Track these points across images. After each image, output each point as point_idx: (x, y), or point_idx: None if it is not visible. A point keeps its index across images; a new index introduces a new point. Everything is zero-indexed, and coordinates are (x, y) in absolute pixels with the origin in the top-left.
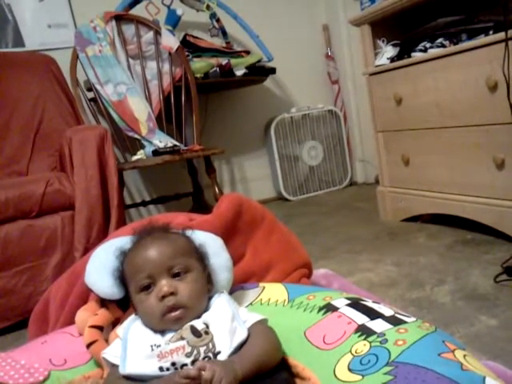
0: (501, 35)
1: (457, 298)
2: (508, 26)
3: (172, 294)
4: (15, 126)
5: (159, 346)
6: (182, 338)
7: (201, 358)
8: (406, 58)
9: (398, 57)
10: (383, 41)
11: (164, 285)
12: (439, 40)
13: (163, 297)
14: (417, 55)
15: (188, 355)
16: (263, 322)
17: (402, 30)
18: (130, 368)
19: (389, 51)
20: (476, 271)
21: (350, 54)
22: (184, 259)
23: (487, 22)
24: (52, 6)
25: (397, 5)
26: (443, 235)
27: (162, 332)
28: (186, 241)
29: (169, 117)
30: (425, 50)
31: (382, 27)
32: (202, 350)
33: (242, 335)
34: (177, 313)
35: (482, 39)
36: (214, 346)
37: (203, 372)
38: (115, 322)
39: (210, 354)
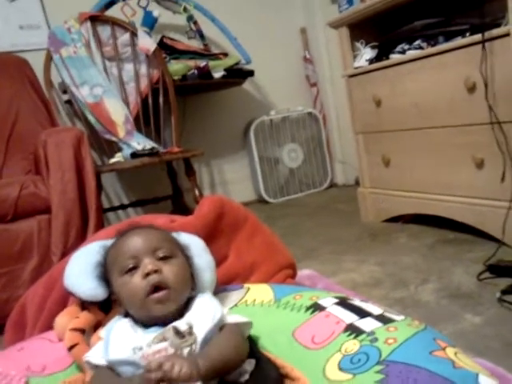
0: (478, 37)
1: (441, 296)
2: (485, 27)
3: (156, 272)
4: None
5: (141, 348)
6: (165, 340)
7: None
8: (385, 60)
9: (377, 59)
10: (361, 43)
11: (149, 263)
12: (417, 42)
13: (147, 274)
14: (395, 57)
15: (169, 358)
16: (239, 324)
17: (380, 32)
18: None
19: (367, 53)
20: (459, 270)
21: (328, 56)
22: (169, 244)
23: (464, 24)
24: (23, 6)
25: (374, 7)
26: (425, 235)
27: (145, 332)
28: (169, 233)
29: (147, 119)
30: (403, 52)
31: (361, 29)
32: (185, 351)
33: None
34: (160, 294)
35: (459, 41)
36: (197, 346)
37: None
38: (97, 326)
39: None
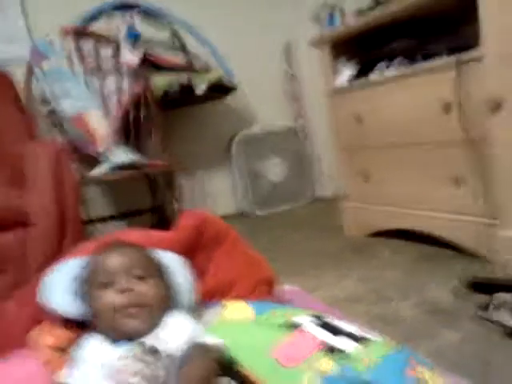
0: (452, 59)
1: (420, 312)
2: (459, 50)
3: (131, 290)
4: None
5: (110, 365)
6: (132, 356)
7: (146, 377)
8: (365, 78)
9: (357, 77)
10: (342, 61)
11: (124, 281)
12: (396, 61)
13: (122, 291)
14: (375, 75)
15: (135, 374)
16: (209, 347)
17: (361, 51)
18: None
19: (348, 71)
20: (438, 285)
21: (311, 72)
22: (146, 264)
23: (441, 45)
24: (6, 19)
25: (355, 28)
26: (406, 250)
27: (114, 347)
28: (149, 253)
29: (129, 132)
30: (382, 71)
31: (342, 48)
32: (150, 367)
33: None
34: (133, 310)
35: (434, 62)
36: (161, 365)
37: None
38: (72, 342)
39: (159, 373)
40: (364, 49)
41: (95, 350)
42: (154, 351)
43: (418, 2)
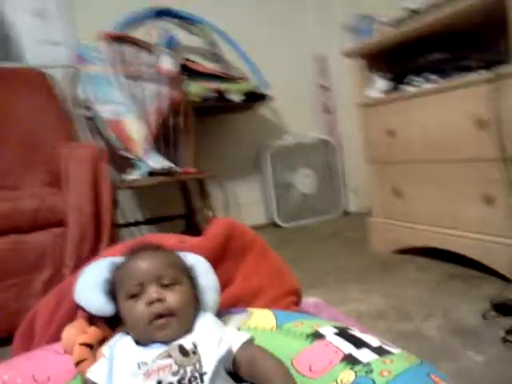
0: (490, 74)
1: (444, 332)
2: (496, 64)
3: (160, 300)
4: (9, 141)
5: (146, 363)
6: (170, 356)
7: (187, 378)
8: (398, 92)
9: (391, 90)
10: (376, 73)
11: (153, 291)
12: (430, 75)
13: (151, 303)
14: (408, 89)
15: (174, 374)
16: (252, 341)
17: (395, 64)
18: None
19: (381, 84)
20: (464, 306)
21: (345, 84)
22: (174, 271)
23: (478, 60)
24: (52, 23)
25: (390, 39)
26: (433, 268)
27: (149, 348)
28: (176, 257)
29: (165, 139)
30: (416, 85)
31: (376, 60)
32: (188, 369)
33: (227, 356)
34: (163, 320)
35: (471, 77)
36: (200, 366)
37: None
38: (102, 341)
39: (197, 374)
40: (397, 61)
41: (129, 349)
42: (189, 353)
43: (453, 14)
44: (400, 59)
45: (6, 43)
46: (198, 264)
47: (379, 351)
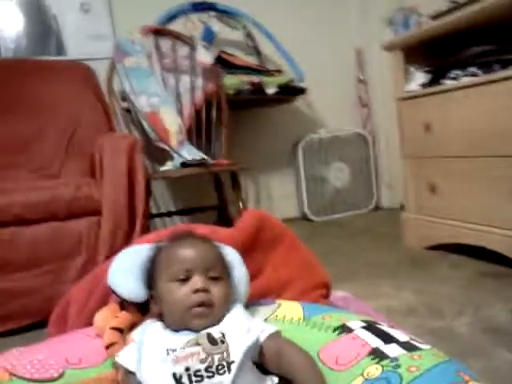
0: None
1: (476, 330)
2: None
3: (205, 291)
4: (51, 131)
5: (174, 350)
6: (198, 344)
7: (214, 366)
8: (437, 85)
9: (430, 83)
10: (415, 67)
11: (200, 280)
12: (471, 69)
13: (197, 290)
14: (448, 83)
15: (202, 361)
16: (279, 333)
17: (434, 57)
18: (144, 371)
19: (420, 77)
20: (497, 304)
21: (382, 78)
22: (220, 266)
23: None
24: (95, 18)
25: (430, 32)
26: (466, 266)
27: (179, 335)
28: (219, 250)
29: (199, 130)
30: (456, 78)
31: (415, 53)
32: (216, 357)
33: (254, 347)
34: (202, 309)
35: None
36: (228, 355)
37: None
38: (133, 326)
39: (224, 363)
40: (438, 55)
41: (159, 335)
42: (217, 341)
43: (495, 5)
44: (440, 53)
45: (50, 37)
46: (233, 257)
47: (407, 346)
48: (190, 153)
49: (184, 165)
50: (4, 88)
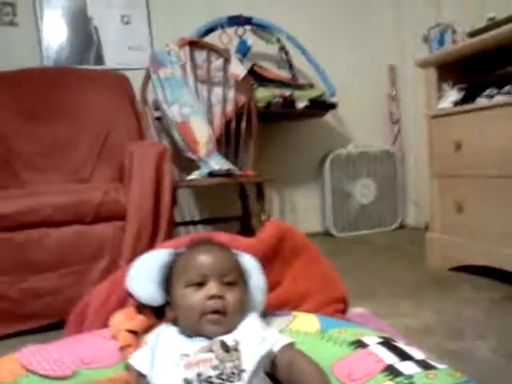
0: None
1: (498, 355)
2: None
3: (220, 297)
4: (85, 136)
5: (188, 355)
6: (211, 351)
7: (226, 373)
8: (471, 104)
9: (463, 101)
10: (449, 84)
11: (215, 286)
12: (507, 88)
13: (212, 297)
14: (482, 101)
15: (214, 368)
16: (292, 344)
17: (468, 75)
18: (156, 375)
19: (453, 95)
20: None
21: (414, 95)
22: (236, 272)
23: None
24: (134, 29)
25: (465, 49)
26: (490, 289)
27: (192, 341)
28: (236, 257)
29: (228, 141)
30: (491, 97)
31: (449, 70)
32: (228, 365)
33: (267, 357)
34: (217, 316)
35: None
36: (240, 363)
37: None
38: (148, 330)
39: (236, 371)
40: (473, 72)
41: (173, 340)
42: (230, 349)
43: None
44: (475, 70)
45: (91, 47)
46: (251, 265)
47: (423, 365)
48: (218, 163)
49: (211, 174)
50: (44, 95)
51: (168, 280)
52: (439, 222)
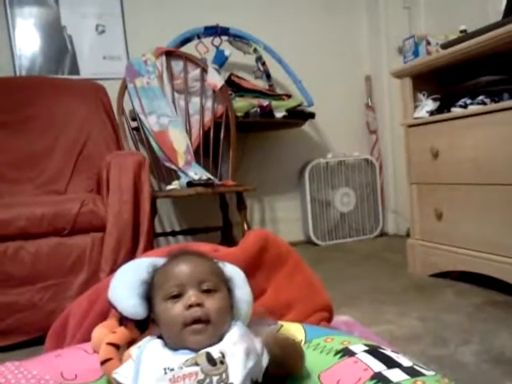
0: None
1: (482, 360)
2: None
3: (199, 305)
4: (60, 147)
5: (172, 369)
6: (197, 364)
7: None
8: (446, 113)
9: (438, 111)
10: (424, 94)
11: (193, 295)
12: (480, 97)
13: (190, 306)
14: (456, 110)
15: (200, 382)
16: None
17: (443, 85)
18: None
19: (429, 105)
20: (504, 334)
21: (390, 105)
22: (214, 278)
23: None
24: (109, 39)
25: (439, 60)
26: (472, 294)
27: (177, 354)
28: (218, 266)
29: (206, 151)
30: (465, 106)
31: (423, 81)
32: (214, 378)
33: (255, 368)
34: (198, 326)
35: None
36: (227, 376)
37: None
38: (130, 343)
39: None
40: (447, 83)
41: (157, 353)
42: (216, 362)
43: (503, 36)
44: (449, 81)
45: (65, 56)
46: (236, 275)
47: (411, 372)
48: (197, 172)
49: (190, 184)
50: (17, 104)
51: (149, 293)
52: (419, 229)
